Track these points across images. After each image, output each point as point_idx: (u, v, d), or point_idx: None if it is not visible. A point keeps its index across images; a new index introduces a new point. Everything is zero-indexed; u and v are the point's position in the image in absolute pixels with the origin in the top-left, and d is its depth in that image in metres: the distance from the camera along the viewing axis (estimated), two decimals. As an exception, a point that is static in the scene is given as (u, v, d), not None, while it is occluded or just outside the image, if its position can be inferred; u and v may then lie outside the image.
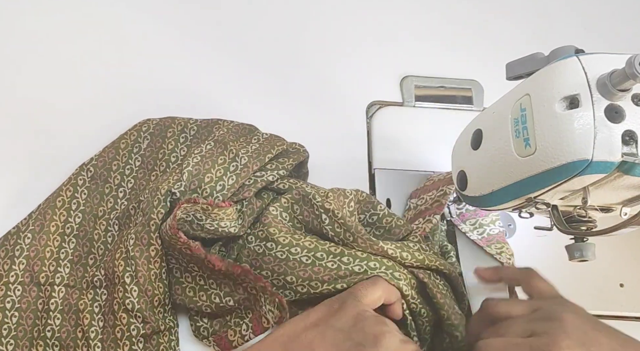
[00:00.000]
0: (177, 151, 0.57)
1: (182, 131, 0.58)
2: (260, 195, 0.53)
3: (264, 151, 0.54)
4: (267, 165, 0.54)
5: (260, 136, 0.56)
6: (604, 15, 0.76)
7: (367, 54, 0.68)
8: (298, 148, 0.56)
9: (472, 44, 0.71)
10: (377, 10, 0.72)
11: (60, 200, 0.54)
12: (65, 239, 0.53)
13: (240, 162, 0.52)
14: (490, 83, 0.67)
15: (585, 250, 0.45)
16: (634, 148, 0.36)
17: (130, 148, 0.57)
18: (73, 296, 0.51)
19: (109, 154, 0.57)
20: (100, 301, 0.50)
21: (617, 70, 0.35)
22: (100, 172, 0.56)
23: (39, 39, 0.63)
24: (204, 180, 0.51)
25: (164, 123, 0.58)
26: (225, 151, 0.53)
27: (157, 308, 0.49)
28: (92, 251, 0.53)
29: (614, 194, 0.41)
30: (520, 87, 0.42)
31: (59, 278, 0.51)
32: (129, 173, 0.56)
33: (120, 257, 0.49)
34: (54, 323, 0.49)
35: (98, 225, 0.54)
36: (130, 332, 0.47)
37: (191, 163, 0.51)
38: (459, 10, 0.73)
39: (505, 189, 0.43)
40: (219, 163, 0.52)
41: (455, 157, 0.50)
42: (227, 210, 0.48)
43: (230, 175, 0.52)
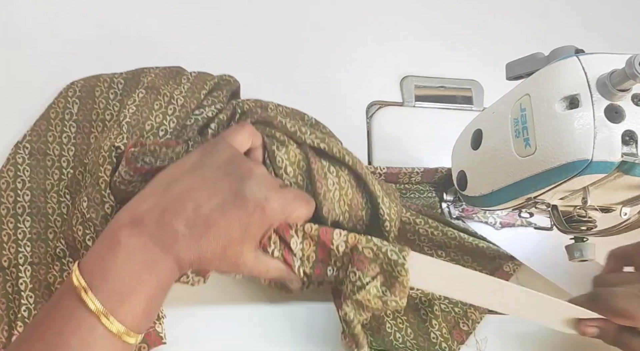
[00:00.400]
0: (110, 108, 0.56)
1: (110, 87, 0.57)
2: (204, 133, 0.53)
3: (197, 88, 0.54)
4: (203, 101, 0.54)
5: (189, 75, 0.56)
6: (604, 15, 0.76)
7: (367, 54, 0.68)
8: (228, 79, 0.57)
9: (472, 44, 0.71)
10: (377, 10, 0.72)
11: (4, 182, 0.53)
12: (19, 219, 0.52)
13: (177, 104, 0.52)
14: (490, 83, 0.67)
15: (585, 250, 0.45)
16: (633, 148, 0.36)
17: (62, 116, 0.56)
18: (40, 272, 0.50)
19: (41, 127, 0.56)
20: (68, 270, 0.50)
21: (617, 70, 0.35)
22: (37, 146, 0.55)
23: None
24: (145, 128, 0.50)
25: (89, 83, 0.57)
26: (159, 96, 0.52)
27: None
28: (50, 225, 0.53)
29: (614, 194, 0.41)
30: (520, 87, 0.42)
31: (22, 258, 0.51)
32: (67, 141, 0.56)
33: (77, 222, 0.48)
34: (29, 302, 0.49)
35: (49, 199, 0.53)
36: None
37: (128, 115, 0.51)
38: (459, 10, 0.73)
39: (505, 189, 0.43)
40: (155, 109, 0.52)
41: (455, 157, 0.51)
42: (176, 148, 0.48)
43: (170, 119, 0.51)
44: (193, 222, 0.37)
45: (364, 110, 0.64)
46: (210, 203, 0.38)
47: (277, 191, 0.40)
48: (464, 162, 0.48)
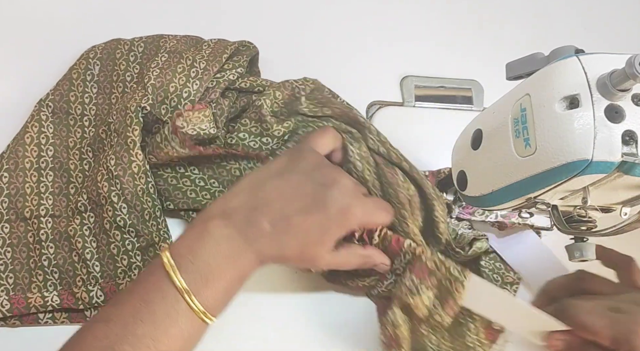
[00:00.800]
0: (131, 70, 0.58)
1: (130, 50, 0.59)
2: (226, 95, 0.55)
3: (218, 53, 0.56)
4: (224, 65, 0.56)
5: (209, 42, 0.58)
6: (604, 15, 0.76)
7: (367, 54, 0.68)
8: (248, 45, 0.59)
9: (472, 44, 0.71)
10: (377, 11, 0.72)
11: (29, 136, 0.55)
12: (43, 173, 0.54)
13: (199, 67, 0.54)
14: (490, 83, 0.67)
15: (585, 250, 0.45)
16: (634, 148, 0.36)
17: (84, 77, 0.58)
18: (61, 225, 0.52)
19: (64, 87, 0.58)
20: (89, 224, 0.51)
21: (617, 70, 0.35)
22: (60, 106, 0.57)
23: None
24: (169, 90, 0.53)
25: (110, 46, 0.59)
26: (182, 59, 0.55)
27: (149, 221, 0.51)
28: (71, 180, 0.54)
29: (614, 194, 0.41)
30: (520, 87, 0.42)
31: (44, 210, 0.52)
32: (89, 101, 0.58)
33: (103, 178, 0.50)
34: (49, 252, 0.51)
35: (72, 156, 0.55)
36: (125, 247, 0.49)
37: (152, 77, 0.53)
38: (459, 11, 0.73)
39: (505, 189, 0.43)
40: (179, 71, 0.54)
41: (455, 157, 0.50)
42: (206, 111, 0.50)
43: (193, 81, 0.53)
44: (277, 222, 0.41)
45: (364, 110, 0.64)
46: (294, 205, 0.41)
47: (359, 198, 0.44)
48: (464, 162, 0.48)
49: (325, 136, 0.48)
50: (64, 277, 0.50)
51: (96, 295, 0.49)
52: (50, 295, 0.49)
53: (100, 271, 0.49)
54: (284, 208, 0.41)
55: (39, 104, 0.56)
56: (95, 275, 0.49)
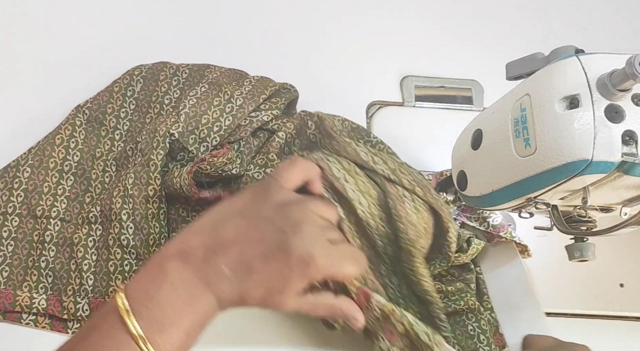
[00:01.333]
0: (171, 94, 0.59)
1: (175, 74, 0.60)
2: (257, 135, 0.55)
3: (257, 92, 0.56)
4: (261, 105, 0.55)
5: (251, 78, 0.58)
6: (604, 15, 0.76)
7: (367, 54, 0.68)
8: (289, 88, 0.59)
9: (472, 44, 0.71)
10: (377, 11, 0.72)
11: (59, 138, 0.55)
12: (64, 176, 0.54)
13: (235, 103, 0.54)
14: (490, 83, 0.67)
15: (585, 250, 0.45)
16: (633, 148, 0.36)
17: (124, 92, 0.59)
18: (68, 230, 0.52)
19: (103, 98, 0.58)
20: (94, 236, 0.51)
21: (617, 70, 0.35)
22: (95, 115, 0.57)
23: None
24: (201, 121, 0.53)
25: (156, 67, 0.60)
26: (220, 93, 0.55)
27: (152, 246, 0.50)
28: (89, 189, 0.55)
29: (614, 194, 0.41)
30: (520, 87, 0.42)
31: (55, 212, 0.53)
32: (124, 116, 0.58)
33: (118, 194, 0.51)
34: (49, 255, 0.51)
35: (96, 166, 0.56)
36: (123, 267, 0.49)
37: (187, 105, 0.53)
38: (459, 11, 0.73)
39: (505, 189, 0.43)
40: (214, 104, 0.54)
41: (455, 157, 0.50)
42: (228, 154, 0.50)
43: (226, 116, 0.53)
44: (236, 266, 0.38)
45: (364, 110, 0.64)
46: (254, 250, 0.38)
47: (324, 248, 0.40)
48: (464, 162, 0.48)
49: (293, 169, 0.44)
50: (57, 283, 0.50)
51: (82, 308, 0.49)
52: (39, 297, 0.49)
53: (93, 285, 0.49)
54: (244, 252, 0.38)
55: (76, 109, 0.57)
56: (87, 288, 0.49)
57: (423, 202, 0.47)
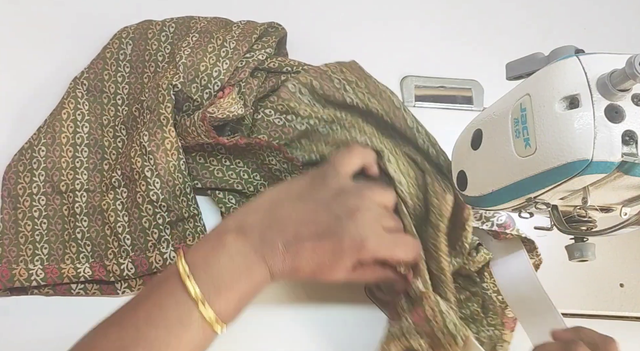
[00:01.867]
0: (162, 50, 0.60)
1: (162, 30, 0.60)
2: (255, 75, 0.56)
3: (248, 33, 0.57)
4: (253, 46, 0.57)
5: (238, 23, 0.59)
6: (604, 15, 0.76)
7: (367, 54, 0.68)
8: (276, 26, 0.60)
9: (472, 44, 0.71)
10: (377, 11, 0.72)
11: (65, 112, 0.56)
12: (78, 149, 0.55)
13: (229, 46, 0.55)
14: (490, 83, 0.67)
15: (585, 250, 0.45)
16: (634, 148, 0.36)
17: (117, 56, 0.59)
18: (95, 199, 0.54)
19: (98, 65, 0.59)
20: (122, 199, 0.53)
21: (617, 70, 0.35)
22: (94, 84, 0.58)
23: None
24: (200, 68, 0.54)
25: (142, 27, 0.61)
26: (212, 39, 0.56)
27: (180, 197, 0.52)
28: (105, 157, 0.56)
29: (614, 194, 0.41)
30: (520, 87, 0.42)
31: (79, 185, 0.54)
32: (122, 80, 0.59)
33: (136, 154, 0.52)
34: (82, 225, 0.53)
35: (106, 133, 0.57)
36: (156, 221, 0.51)
37: (183, 56, 0.54)
38: (459, 11, 0.73)
39: (505, 189, 0.43)
40: (209, 51, 0.55)
41: (455, 157, 0.50)
42: (232, 94, 0.51)
43: (223, 60, 0.55)
44: (290, 243, 0.42)
45: (364, 110, 0.64)
46: (309, 230, 0.42)
47: (376, 234, 0.43)
48: (464, 162, 0.48)
49: (351, 156, 0.48)
50: (96, 250, 0.52)
51: (127, 267, 0.50)
52: (82, 266, 0.51)
53: (131, 244, 0.51)
54: (299, 232, 0.42)
55: (74, 82, 0.58)
56: (127, 248, 0.51)
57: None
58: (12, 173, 0.54)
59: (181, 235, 0.52)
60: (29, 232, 0.52)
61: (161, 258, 0.50)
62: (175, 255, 0.50)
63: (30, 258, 0.51)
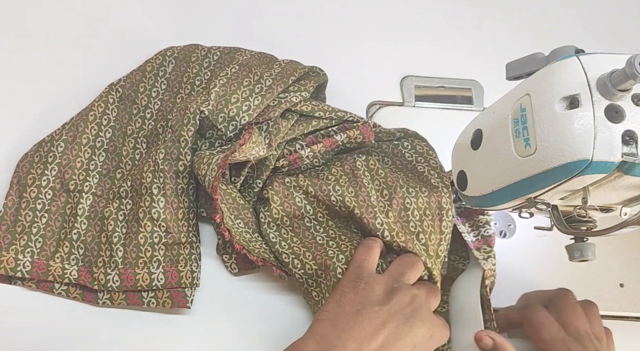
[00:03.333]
0: (202, 75, 0.60)
1: (206, 56, 0.61)
2: (285, 116, 0.56)
3: (286, 74, 0.57)
4: (290, 87, 0.57)
5: (281, 62, 0.59)
6: (604, 15, 0.76)
7: (367, 54, 0.68)
8: (318, 71, 0.60)
9: (472, 44, 0.71)
10: (377, 11, 0.72)
11: (92, 114, 0.57)
12: (96, 152, 0.56)
13: (264, 84, 0.55)
14: (490, 83, 0.67)
15: (585, 250, 0.45)
16: (634, 148, 0.36)
17: (156, 72, 0.60)
18: (99, 205, 0.54)
19: (136, 77, 0.60)
20: (124, 210, 0.53)
21: (617, 70, 0.35)
22: (128, 93, 0.59)
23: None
24: (231, 100, 0.54)
25: (188, 49, 0.61)
26: (250, 74, 0.56)
27: (181, 221, 0.52)
28: (120, 166, 0.56)
29: (614, 194, 0.41)
30: (520, 87, 0.42)
31: (87, 187, 0.54)
32: (156, 95, 0.59)
33: (149, 169, 0.52)
34: (80, 228, 0.52)
35: (127, 143, 0.57)
36: (152, 239, 0.51)
37: (218, 85, 0.55)
38: (459, 11, 0.73)
39: (505, 189, 0.43)
40: (244, 85, 0.55)
41: (455, 157, 0.50)
42: (253, 137, 0.51)
43: (255, 96, 0.55)
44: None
45: (364, 110, 0.64)
46: (386, 340, 0.44)
47: (436, 325, 0.47)
48: (464, 162, 0.48)
49: (417, 270, 0.50)
50: (88, 255, 0.51)
51: (113, 279, 0.50)
52: (70, 268, 0.51)
53: (123, 257, 0.50)
54: (377, 343, 0.44)
55: (109, 87, 0.58)
56: (117, 260, 0.50)
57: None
58: (26, 162, 0.54)
59: (174, 258, 0.51)
60: (27, 222, 0.52)
61: (148, 278, 0.50)
62: (163, 277, 0.50)
63: (22, 248, 0.50)
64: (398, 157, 0.57)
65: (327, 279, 0.50)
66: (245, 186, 0.55)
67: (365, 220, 0.50)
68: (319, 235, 0.53)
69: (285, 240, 0.52)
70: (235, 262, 0.53)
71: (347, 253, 0.50)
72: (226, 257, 0.53)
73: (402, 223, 0.52)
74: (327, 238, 0.52)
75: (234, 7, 0.69)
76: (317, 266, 0.50)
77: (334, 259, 0.50)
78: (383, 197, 0.52)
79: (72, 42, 0.63)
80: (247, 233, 0.52)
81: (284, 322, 0.52)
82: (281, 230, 0.52)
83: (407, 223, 0.52)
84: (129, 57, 0.61)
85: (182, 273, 0.51)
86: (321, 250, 0.51)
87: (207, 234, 0.55)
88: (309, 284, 0.51)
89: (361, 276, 0.47)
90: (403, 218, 0.52)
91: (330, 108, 0.56)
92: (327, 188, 0.52)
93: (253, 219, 0.53)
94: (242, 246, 0.50)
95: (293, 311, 0.53)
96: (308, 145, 0.55)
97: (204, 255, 0.54)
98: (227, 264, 0.53)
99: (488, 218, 0.56)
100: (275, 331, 0.52)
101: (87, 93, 0.58)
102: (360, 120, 0.56)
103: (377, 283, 0.47)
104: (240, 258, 0.52)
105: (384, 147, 0.57)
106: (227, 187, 0.52)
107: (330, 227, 0.53)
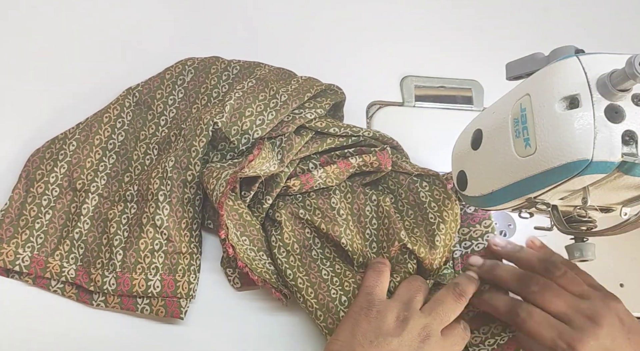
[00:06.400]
0: (219, 87, 0.60)
1: (225, 69, 0.61)
2: (299, 132, 0.56)
3: (303, 90, 0.57)
4: (305, 103, 0.57)
5: (299, 78, 0.59)
6: (604, 15, 0.76)
7: (367, 54, 0.68)
8: (336, 89, 0.59)
9: (472, 44, 0.71)
10: (377, 11, 0.72)
11: (107, 116, 0.57)
12: (107, 154, 0.56)
13: (280, 99, 0.55)
14: (490, 83, 0.67)
15: (585, 250, 0.45)
16: (634, 148, 0.36)
17: (175, 80, 0.60)
18: (104, 206, 0.54)
19: (154, 83, 0.60)
20: (128, 214, 0.53)
21: (617, 70, 0.35)
22: (144, 99, 0.59)
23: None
24: (245, 113, 0.54)
25: (208, 61, 0.62)
26: (266, 88, 0.56)
27: (184, 230, 0.52)
28: (129, 169, 0.56)
29: (614, 194, 0.41)
30: (520, 87, 0.42)
31: (94, 188, 0.54)
32: (172, 103, 0.60)
33: (157, 176, 0.52)
34: (83, 227, 0.53)
35: (138, 147, 0.57)
36: (153, 246, 0.51)
37: (233, 98, 0.55)
38: (459, 11, 0.73)
39: (505, 189, 0.43)
40: (259, 99, 0.55)
41: (455, 157, 0.50)
42: (262, 153, 0.51)
43: (270, 111, 0.55)
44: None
45: (364, 110, 0.64)
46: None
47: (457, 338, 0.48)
48: (464, 162, 0.48)
49: (380, 275, 0.50)
50: (87, 255, 0.52)
51: (109, 282, 0.50)
52: (69, 267, 0.51)
53: (121, 261, 0.50)
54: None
55: (127, 91, 0.59)
56: (115, 263, 0.50)
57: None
58: (37, 158, 0.55)
59: (173, 267, 0.51)
60: (31, 217, 0.52)
61: (145, 284, 0.50)
62: (160, 285, 0.50)
63: (23, 243, 0.51)
64: (413, 192, 0.55)
65: (326, 319, 0.50)
66: (255, 201, 0.54)
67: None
68: (324, 268, 0.52)
69: (291, 268, 0.51)
70: (238, 277, 0.53)
71: (349, 295, 0.51)
72: (230, 270, 0.53)
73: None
74: (333, 275, 0.52)
75: (234, 7, 0.69)
76: (318, 306, 0.50)
77: (336, 302, 0.50)
78: (382, 249, 0.53)
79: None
80: (251, 251, 0.52)
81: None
82: (289, 257, 0.52)
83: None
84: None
85: (179, 283, 0.50)
86: (324, 287, 0.51)
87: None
88: (310, 312, 0.51)
89: (373, 303, 0.47)
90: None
91: (345, 125, 0.56)
92: (340, 230, 0.52)
93: (259, 237, 0.53)
94: (245, 264, 0.49)
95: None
96: (322, 165, 0.55)
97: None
98: (230, 278, 0.53)
99: (484, 229, 0.55)
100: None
101: (106, 96, 0.59)
102: (378, 145, 0.56)
103: (389, 311, 0.47)
104: (243, 274, 0.52)
105: (401, 178, 0.56)
106: (235, 203, 0.52)
107: (337, 262, 0.53)
